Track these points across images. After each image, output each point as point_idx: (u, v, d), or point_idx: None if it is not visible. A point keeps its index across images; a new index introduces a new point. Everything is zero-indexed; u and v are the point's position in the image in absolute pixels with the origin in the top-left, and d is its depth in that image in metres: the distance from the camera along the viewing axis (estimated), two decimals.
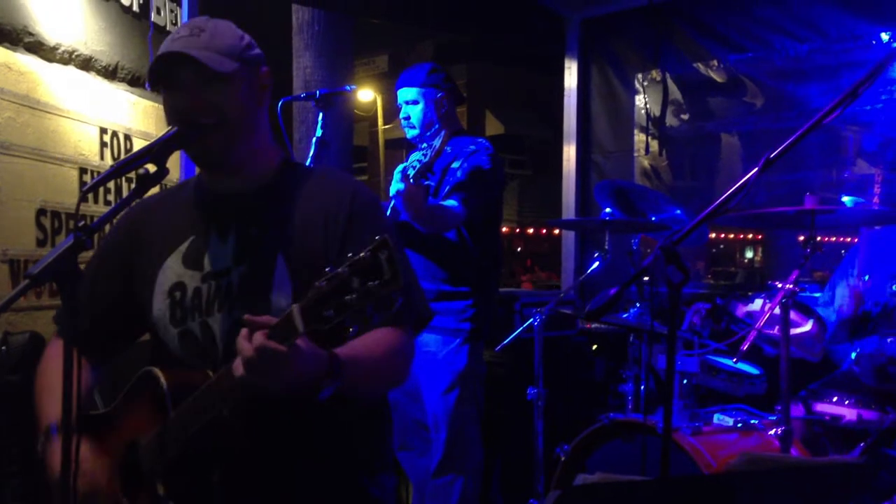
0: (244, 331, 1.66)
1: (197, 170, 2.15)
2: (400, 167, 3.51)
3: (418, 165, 3.56)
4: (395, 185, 3.44)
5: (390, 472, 2.15)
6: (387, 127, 19.74)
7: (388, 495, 2.11)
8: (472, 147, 3.75)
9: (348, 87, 4.16)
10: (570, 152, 5.79)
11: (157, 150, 1.82)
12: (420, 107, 3.82)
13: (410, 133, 3.89)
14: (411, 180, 3.39)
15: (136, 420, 1.95)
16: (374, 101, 19.36)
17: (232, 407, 1.75)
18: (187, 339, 2.01)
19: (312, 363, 1.69)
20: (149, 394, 1.92)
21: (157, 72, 1.95)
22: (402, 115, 3.90)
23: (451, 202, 3.60)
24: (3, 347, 3.45)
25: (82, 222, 1.70)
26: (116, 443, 1.98)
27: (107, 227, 4.18)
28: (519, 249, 23.68)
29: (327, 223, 1.97)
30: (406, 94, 3.87)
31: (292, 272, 1.93)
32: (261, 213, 2.01)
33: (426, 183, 3.69)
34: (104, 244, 2.27)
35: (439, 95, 3.84)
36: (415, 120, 3.84)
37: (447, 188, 3.67)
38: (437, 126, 3.81)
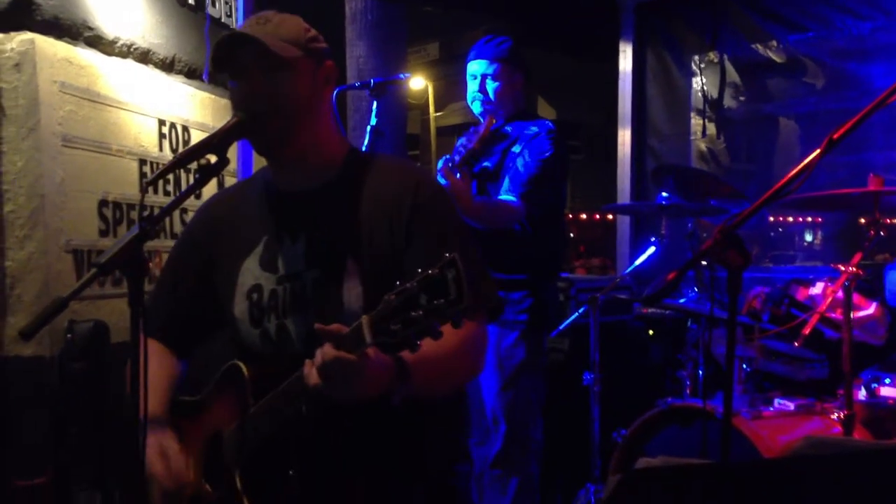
0: (321, 349, 1.69)
1: (258, 160, 2.18)
2: (442, 158, 3.45)
3: (463, 152, 3.50)
4: (440, 180, 3.33)
5: (465, 462, 2.18)
6: (438, 114, 19.74)
7: (464, 483, 2.13)
8: (534, 129, 3.61)
9: (402, 76, 4.12)
10: (625, 137, 5.74)
11: (218, 141, 1.84)
12: (498, 84, 3.65)
13: (480, 108, 3.70)
14: (456, 168, 3.33)
15: (222, 410, 2.00)
16: (426, 89, 19.37)
17: (308, 407, 1.78)
18: (266, 338, 2.05)
19: (380, 371, 1.71)
20: (234, 386, 1.97)
21: (221, 55, 1.97)
22: (474, 88, 3.70)
23: (509, 197, 3.48)
24: (69, 336, 3.53)
25: (146, 212, 1.73)
26: (203, 431, 2.04)
27: (167, 219, 4.27)
28: (572, 236, 23.56)
29: (392, 218, 1.98)
30: (485, 67, 3.67)
31: (362, 273, 1.94)
32: (328, 213, 2.02)
33: (482, 165, 3.62)
34: (184, 237, 2.32)
35: (518, 75, 3.71)
36: (491, 94, 3.65)
37: (507, 177, 3.58)
38: (508, 104, 3.68)
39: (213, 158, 1.81)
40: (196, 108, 4.51)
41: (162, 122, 4.24)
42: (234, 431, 1.94)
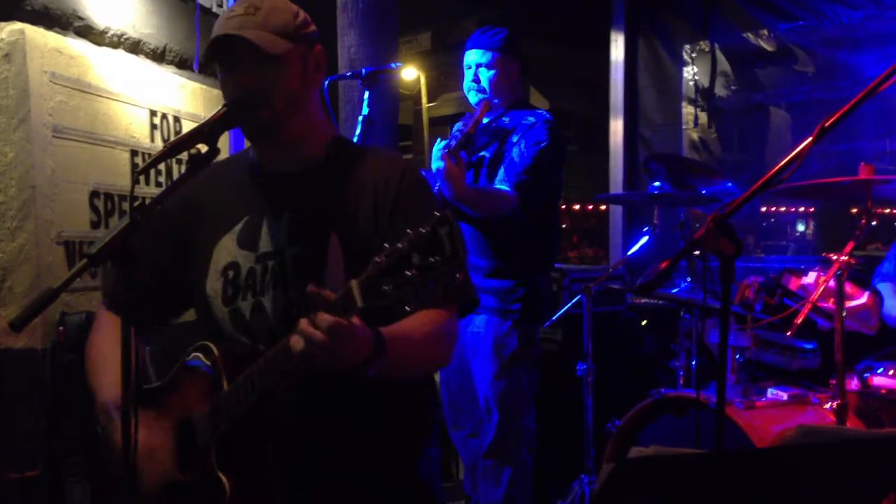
0: (304, 321, 1.66)
1: (246, 143, 2.18)
2: (440, 143, 3.46)
3: (459, 136, 3.51)
4: (436, 163, 3.36)
5: (436, 445, 2.17)
6: (431, 105, 19.72)
7: (434, 466, 2.13)
8: (532, 119, 3.61)
9: (394, 65, 4.11)
10: (616, 126, 5.74)
11: (208, 131, 1.83)
12: (493, 73, 3.65)
13: (475, 98, 3.70)
14: (452, 154, 3.34)
15: (191, 393, 1.99)
16: (418, 79, 19.33)
17: (287, 383, 1.78)
18: (237, 317, 2.04)
19: (363, 339, 1.70)
20: (202, 368, 1.95)
21: (212, 53, 1.97)
22: (469, 77, 3.71)
23: (503, 186, 3.49)
24: (61, 328, 3.52)
25: (137, 202, 1.72)
26: (171, 416, 2.02)
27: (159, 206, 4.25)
28: (564, 226, 23.58)
29: (377, 202, 1.98)
30: (480, 56, 3.68)
31: (346, 251, 1.94)
32: (313, 194, 2.03)
33: (479, 154, 3.63)
34: (156, 215, 2.28)
35: (514, 65, 3.71)
36: (485, 84, 3.66)
37: (503, 168, 3.58)
38: (504, 94, 3.68)
39: (203, 148, 1.80)
40: (187, 99, 4.49)
41: (153, 113, 4.22)
42: (208, 413, 1.91)
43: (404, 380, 1.99)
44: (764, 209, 5.79)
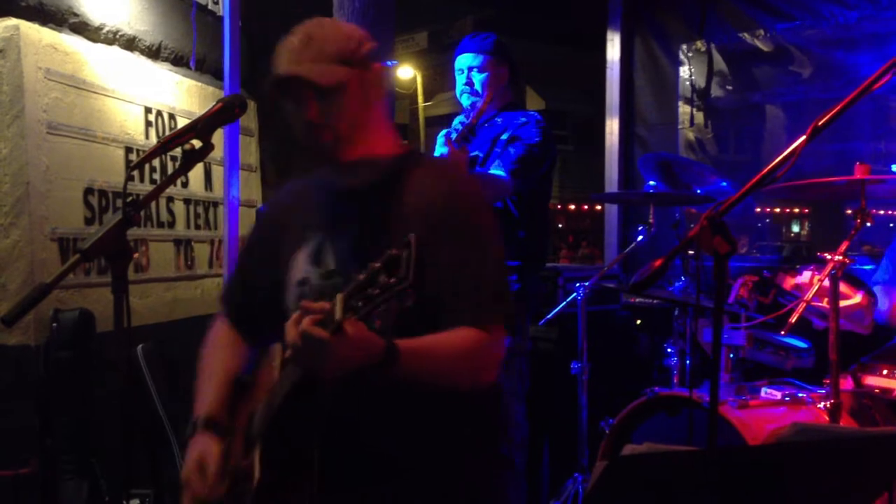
0: (294, 316, 1.75)
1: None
2: (443, 132, 3.51)
3: (461, 128, 3.56)
4: (439, 150, 3.41)
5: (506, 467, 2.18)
6: (427, 104, 19.71)
7: (496, 489, 2.13)
8: (523, 119, 3.66)
9: (389, 63, 4.11)
10: (612, 126, 5.74)
11: (202, 127, 1.84)
12: (485, 75, 3.69)
13: (468, 100, 3.73)
14: (455, 143, 3.38)
15: (261, 388, 2.07)
16: (414, 79, 19.33)
17: (297, 378, 1.85)
18: None
19: (361, 349, 1.74)
20: (269, 365, 2.05)
21: (273, 91, 2.02)
22: (461, 81, 3.75)
23: (498, 171, 3.54)
24: (55, 324, 3.52)
25: (130, 198, 1.72)
26: (247, 408, 2.10)
27: (152, 208, 4.25)
28: (560, 226, 23.58)
29: (428, 218, 2.00)
30: (471, 60, 3.72)
31: None
32: (374, 211, 2.07)
33: (473, 153, 3.65)
34: (253, 231, 2.42)
35: (504, 68, 3.75)
36: (478, 87, 3.69)
37: (495, 160, 3.62)
38: (495, 98, 3.70)
39: (197, 143, 1.80)
40: (183, 96, 4.49)
41: (148, 110, 4.22)
42: (263, 404, 2.01)
43: (444, 390, 1.99)
44: (759, 210, 5.80)
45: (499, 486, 2.23)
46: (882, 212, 4.84)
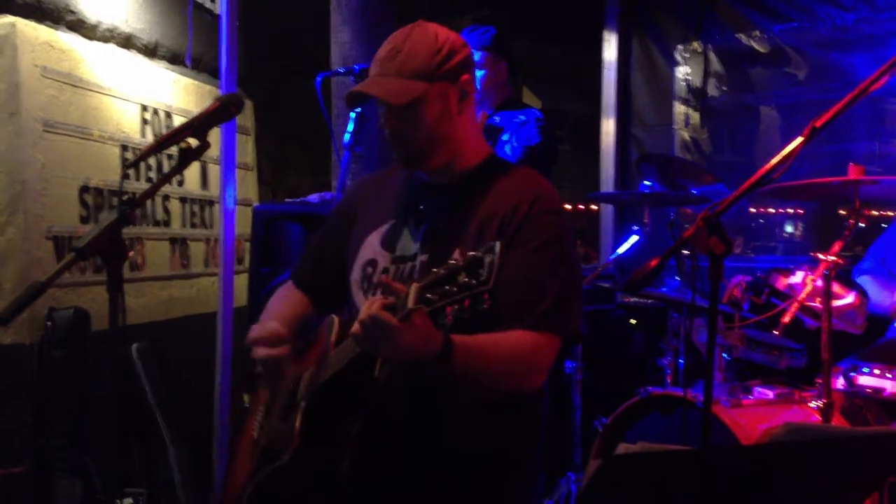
0: (371, 298, 1.82)
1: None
2: None
3: None
4: None
5: (532, 480, 2.20)
6: None
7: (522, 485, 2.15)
8: (522, 118, 3.62)
9: None
10: (608, 126, 5.74)
11: (198, 125, 1.84)
12: (483, 72, 3.64)
13: None
14: None
15: (311, 356, 2.13)
16: None
17: (354, 356, 1.89)
18: None
19: (422, 340, 1.77)
20: (324, 336, 2.12)
21: (358, 99, 2.12)
22: None
23: None
24: (49, 323, 3.51)
25: (126, 196, 1.72)
26: (294, 374, 2.16)
27: (149, 206, 4.25)
28: None
29: (503, 222, 2.04)
30: None
31: None
32: (451, 208, 2.12)
33: None
34: (336, 208, 2.51)
35: (503, 63, 3.72)
36: (478, 83, 3.68)
37: None
38: (494, 93, 3.68)
39: (193, 142, 1.80)
40: (179, 94, 4.49)
41: (144, 108, 4.22)
42: (312, 372, 2.07)
43: (481, 393, 2.01)
44: (753, 210, 5.81)
45: (532, 489, 2.24)
46: (876, 213, 4.85)
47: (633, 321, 4.82)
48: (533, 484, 2.23)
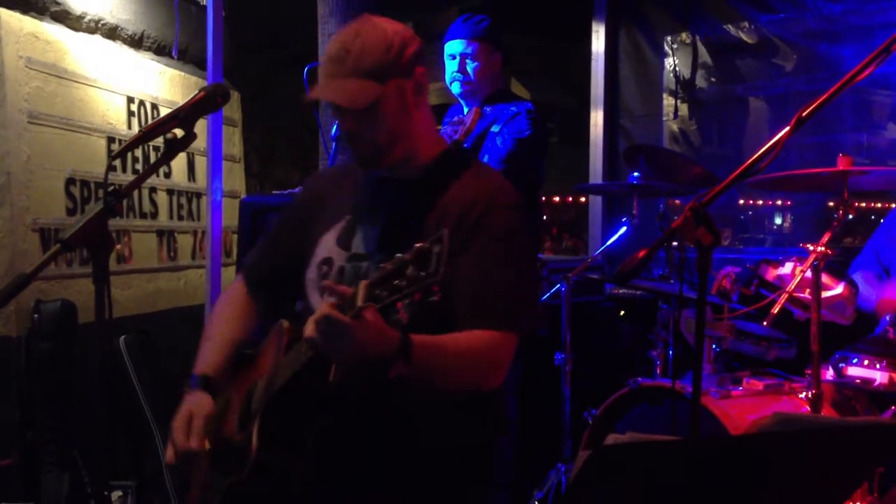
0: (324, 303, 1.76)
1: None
2: None
3: (448, 142, 3.49)
4: None
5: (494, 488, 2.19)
6: None
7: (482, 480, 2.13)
8: (514, 109, 3.58)
9: None
10: (597, 117, 5.74)
11: (184, 116, 1.83)
12: (478, 63, 3.59)
13: (459, 88, 3.65)
14: None
15: (263, 363, 2.09)
16: None
17: (307, 360, 1.84)
18: None
19: (377, 337, 1.74)
20: (275, 342, 2.06)
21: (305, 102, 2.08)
22: (452, 68, 3.64)
23: None
24: (36, 315, 3.50)
25: (112, 187, 1.70)
26: (247, 382, 2.11)
27: (135, 198, 4.23)
28: (544, 218, 23.57)
29: (460, 219, 2.01)
30: (463, 46, 3.61)
31: None
32: (408, 205, 2.09)
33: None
34: (291, 204, 2.43)
35: (497, 54, 3.66)
36: (472, 75, 3.59)
37: (486, 157, 3.55)
38: (487, 84, 3.63)
39: (179, 133, 1.79)
40: (165, 86, 4.46)
41: (130, 100, 4.19)
42: (265, 380, 2.02)
43: (439, 391, 1.98)
44: (742, 202, 5.82)
45: (496, 486, 2.22)
46: (865, 204, 4.87)
47: (622, 312, 4.83)
48: (497, 481, 2.21)
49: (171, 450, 2.08)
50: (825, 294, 3.04)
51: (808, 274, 2.91)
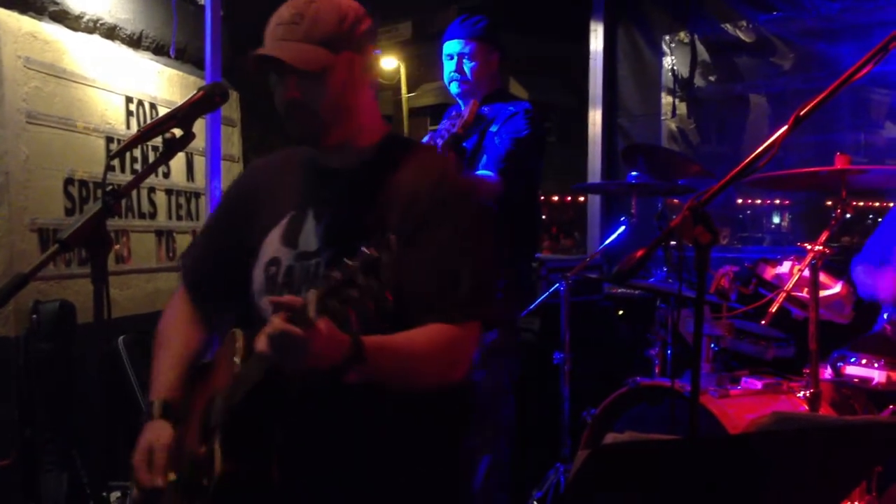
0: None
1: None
2: (428, 135, 3.44)
3: (447, 136, 3.49)
4: None
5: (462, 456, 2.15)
6: (411, 95, 19.66)
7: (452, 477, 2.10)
8: (512, 109, 3.58)
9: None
10: (595, 117, 5.74)
11: (183, 115, 1.82)
12: (475, 63, 3.60)
13: (457, 88, 3.65)
14: (441, 150, 3.32)
15: (220, 374, 2.00)
16: (398, 69, 19.26)
17: (264, 370, 1.79)
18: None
19: (328, 347, 1.69)
20: (229, 351, 1.98)
21: (257, 63, 1.96)
22: (450, 68, 3.64)
23: (486, 172, 3.46)
24: (35, 316, 3.49)
25: (110, 187, 1.70)
26: (205, 394, 2.04)
27: (134, 198, 4.23)
28: (543, 217, 23.55)
29: (409, 206, 1.93)
30: (461, 46, 3.61)
31: None
32: (353, 196, 2.01)
33: (462, 147, 3.61)
34: (225, 198, 2.32)
35: (495, 54, 3.66)
36: (469, 74, 3.60)
37: (484, 157, 3.55)
38: (485, 84, 3.63)
39: (178, 132, 1.79)
40: (164, 85, 4.46)
41: (129, 100, 4.19)
42: (223, 393, 1.95)
43: (397, 388, 1.92)
44: (740, 201, 5.82)
45: (464, 481, 2.18)
46: (862, 203, 4.87)
47: (620, 312, 4.83)
48: (465, 475, 2.17)
49: (136, 490, 2.01)
50: (823, 293, 3.04)
51: (807, 273, 2.92)
